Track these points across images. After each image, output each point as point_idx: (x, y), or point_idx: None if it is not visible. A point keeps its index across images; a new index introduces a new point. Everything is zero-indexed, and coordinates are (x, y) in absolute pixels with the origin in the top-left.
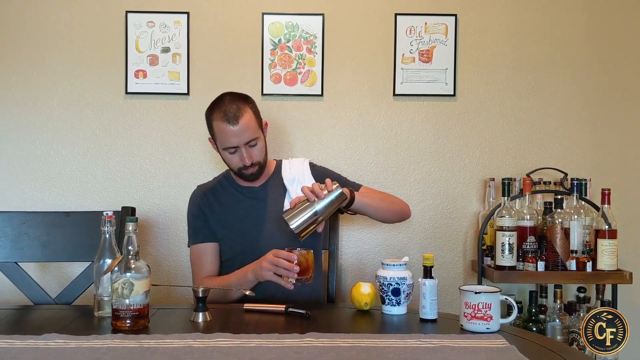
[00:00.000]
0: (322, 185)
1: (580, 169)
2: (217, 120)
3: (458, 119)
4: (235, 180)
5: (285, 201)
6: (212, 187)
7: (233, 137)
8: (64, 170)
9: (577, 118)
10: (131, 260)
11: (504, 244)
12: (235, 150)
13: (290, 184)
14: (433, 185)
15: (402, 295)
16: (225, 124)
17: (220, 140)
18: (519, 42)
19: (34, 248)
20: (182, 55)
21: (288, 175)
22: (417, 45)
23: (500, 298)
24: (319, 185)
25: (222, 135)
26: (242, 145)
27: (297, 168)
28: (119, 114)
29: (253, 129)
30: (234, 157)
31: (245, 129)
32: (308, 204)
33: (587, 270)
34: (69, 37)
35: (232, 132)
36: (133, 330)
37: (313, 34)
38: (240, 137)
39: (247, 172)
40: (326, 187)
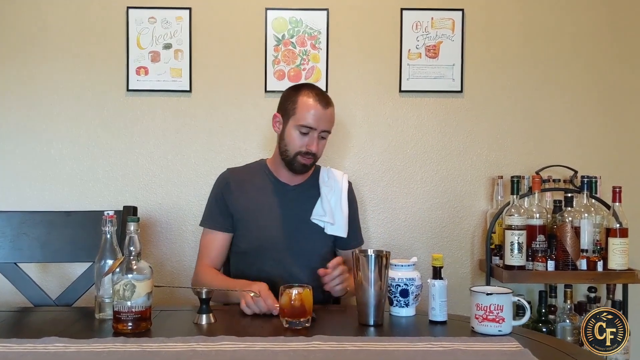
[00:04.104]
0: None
1: (590, 166)
2: (307, 96)
3: (465, 115)
4: (272, 171)
5: (315, 208)
6: (243, 172)
7: (317, 117)
8: (64, 169)
9: (587, 114)
10: (133, 261)
11: (513, 243)
12: (308, 131)
13: (326, 193)
14: (440, 183)
15: (411, 297)
16: (317, 103)
17: (300, 115)
18: (528, 37)
19: (34, 248)
20: (184, 52)
21: (326, 183)
22: (424, 41)
23: (512, 299)
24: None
25: (307, 111)
26: (319, 130)
27: (337, 179)
28: (120, 112)
29: (332, 123)
30: (302, 138)
31: (329, 118)
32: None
33: (598, 269)
34: (69, 33)
35: (320, 112)
36: (135, 333)
37: (317, 30)
38: (322, 121)
39: (302, 159)
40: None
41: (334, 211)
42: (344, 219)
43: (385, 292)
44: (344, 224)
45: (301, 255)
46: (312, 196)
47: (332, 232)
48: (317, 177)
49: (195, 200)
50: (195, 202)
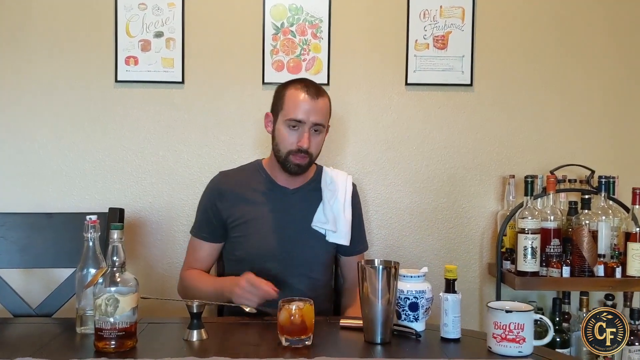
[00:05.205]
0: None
1: (608, 165)
2: (295, 89)
3: (475, 110)
4: (268, 173)
5: (317, 213)
6: (238, 176)
7: (305, 110)
8: (47, 166)
9: (605, 110)
10: (117, 272)
11: (527, 248)
12: (298, 125)
13: (328, 198)
14: (447, 182)
15: (421, 311)
16: (304, 94)
17: (288, 109)
18: (542, 28)
19: (12, 253)
20: (176, 41)
21: (328, 187)
22: (432, 31)
23: (533, 317)
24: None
25: (294, 103)
26: (309, 124)
27: (340, 182)
28: (108, 104)
29: (325, 115)
30: (292, 134)
31: (320, 110)
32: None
33: (616, 276)
34: (53, 20)
35: (308, 104)
36: (119, 352)
37: (318, 18)
38: (312, 114)
39: (295, 159)
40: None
41: (337, 218)
42: (347, 226)
43: (393, 307)
44: (347, 232)
45: (301, 265)
46: (313, 201)
47: (334, 240)
48: (319, 179)
49: (188, 199)
50: (187, 201)
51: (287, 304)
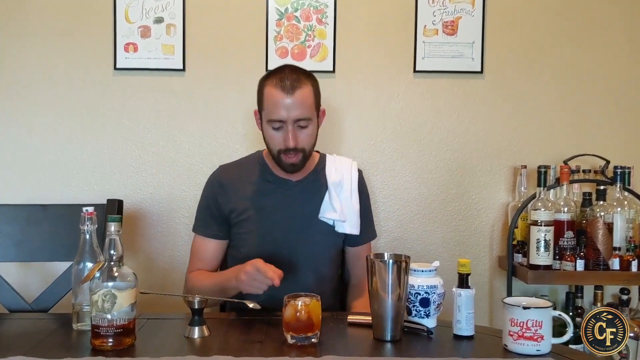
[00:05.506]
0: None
1: (623, 155)
2: (270, 85)
3: (486, 98)
4: (269, 166)
5: (323, 204)
6: (238, 169)
7: (283, 108)
8: (44, 156)
9: (620, 99)
10: (114, 267)
11: (539, 241)
12: (280, 126)
13: (334, 187)
14: (457, 172)
15: (432, 306)
16: (279, 91)
17: (267, 109)
18: (555, 14)
19: (7, 247)
20: (177, 27)
21: (333, 176)
22: (441, 16)
23: (552, 314)
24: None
25: (271, 103)
26: (291, 121)
27: (345, 170)
28: (106, 92)
29: (308, 107)
30: (277, 136)
31: (299, 104)
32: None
33: (632, 269)
34: (50, 5)
35: (284, 102)
36: (116, 350)
37: (324, 3)
38: (291, 111)
39: (287, 159)
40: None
41: (344, 207)
42: (356, 215)
43: (404, 303)
44: (356, 220)
45: (308, 258)
46: (318, 191)
47: (344, 231)
48: (323, 168)
49: (190, 190)
50: (189, 192)
51: (292, 299)
